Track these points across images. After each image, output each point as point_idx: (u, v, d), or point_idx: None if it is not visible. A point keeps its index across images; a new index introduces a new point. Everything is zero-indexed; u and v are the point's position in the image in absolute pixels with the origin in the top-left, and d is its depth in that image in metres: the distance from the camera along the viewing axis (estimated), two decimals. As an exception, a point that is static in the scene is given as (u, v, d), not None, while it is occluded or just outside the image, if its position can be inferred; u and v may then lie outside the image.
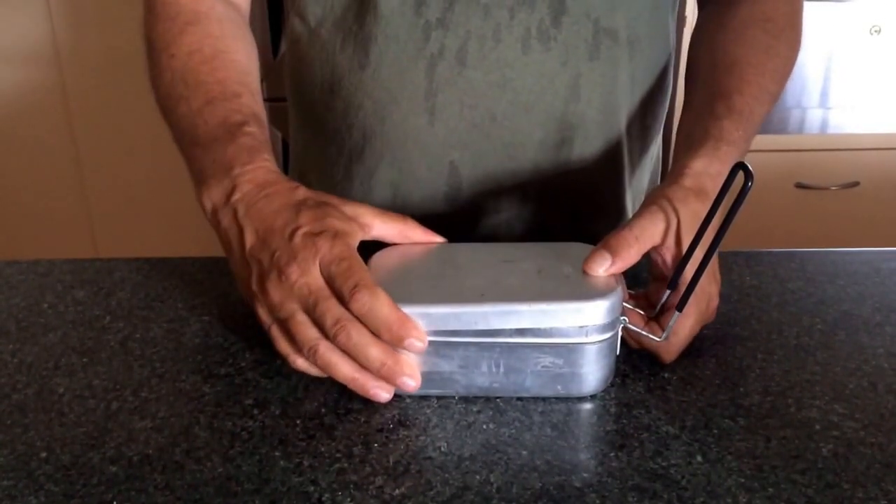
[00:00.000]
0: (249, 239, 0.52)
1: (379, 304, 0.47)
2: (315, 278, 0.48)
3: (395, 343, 0.47)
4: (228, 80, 0.62)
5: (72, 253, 2.04)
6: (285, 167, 0.82)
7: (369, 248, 0.55)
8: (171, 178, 2.01)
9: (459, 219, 0.71)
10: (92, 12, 1.94)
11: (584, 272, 0.51)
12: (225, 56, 0.63)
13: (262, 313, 0.51)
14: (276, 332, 0.51)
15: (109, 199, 2.10)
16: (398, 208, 0.71)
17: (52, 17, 1.94)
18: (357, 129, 0.70)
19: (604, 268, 0.50)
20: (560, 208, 0.72)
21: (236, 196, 0.53)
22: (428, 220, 0.71)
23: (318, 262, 0.49)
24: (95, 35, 1.95)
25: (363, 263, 0.49)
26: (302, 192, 0.53)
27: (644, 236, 0.52)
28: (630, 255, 0.51)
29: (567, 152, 0.70)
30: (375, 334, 0.48)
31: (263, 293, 0.50)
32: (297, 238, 0.49)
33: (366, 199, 0.72)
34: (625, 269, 0.51)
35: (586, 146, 0.70)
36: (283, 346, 0.51)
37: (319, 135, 0.74)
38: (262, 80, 0.69)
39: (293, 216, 0.51)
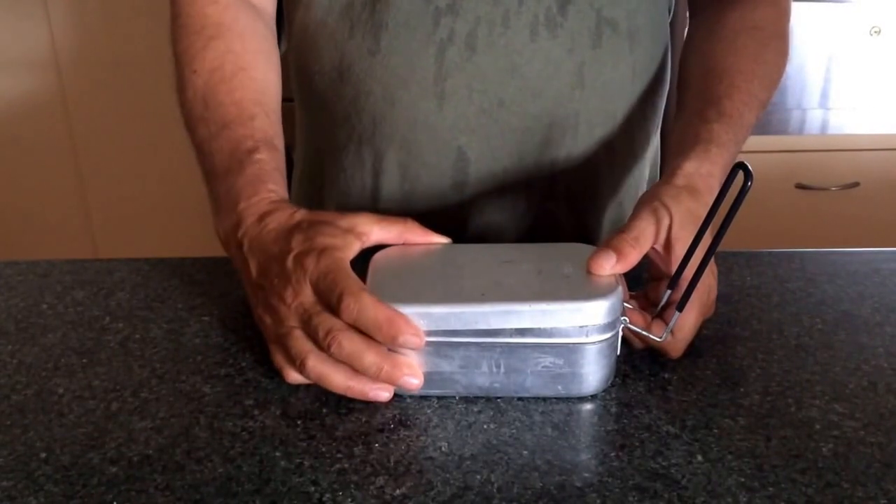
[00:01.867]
0: (254, 269, 0.54)
1: (365, 307, 0.47)
2: (308, 296, 0.50)
3: (389, 343, 0.48)
4: (245, 101, 0.64)
5: (72, 255, 2.03)
6: (288, 169, 0.82)
7: (373, 251, 0.55)
8: (170, 180, 2.01)
9: (466, 203, 0.72)
10: (91, 17, 1.94)
11: (589, 272, 0.51)
12: (244, 74, 0.65)
13: (267, 335, 0.53)
14: (274, 348, 0.52)
15: (109, 202, 2.10)
16: (406, 192, 0.72)
17: (50, 22, 1.94)
18: (367, 115, 0.70)
19: (609, 265, 0.51)
20: (564, 195, 0.73)
21: (241, 230, 0.55)
22: (435, 203, 0.72)
23: (308, 281, 0.50)
24: (94, 40, 1.95)
25: (349, 272, 0.50)
26: (298, 215, 0.55)
27: (642, 237, 0.53)
28: (632, 256, 0.52)
29: (572, 139, 0.71)
30: (372, 338, 0.48)
31: (267, 316, 0.52)
32: (289, 261, 0.51)
33: (375, 183, 0.73)
34: (627, 269, 0.52)
35: (590, 133, 0.71)
36: (279, 360, 0.52)
37: (328, 121, 0.74)
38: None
39: (287, 242, 0.52)
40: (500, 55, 0.67)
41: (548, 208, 0.74)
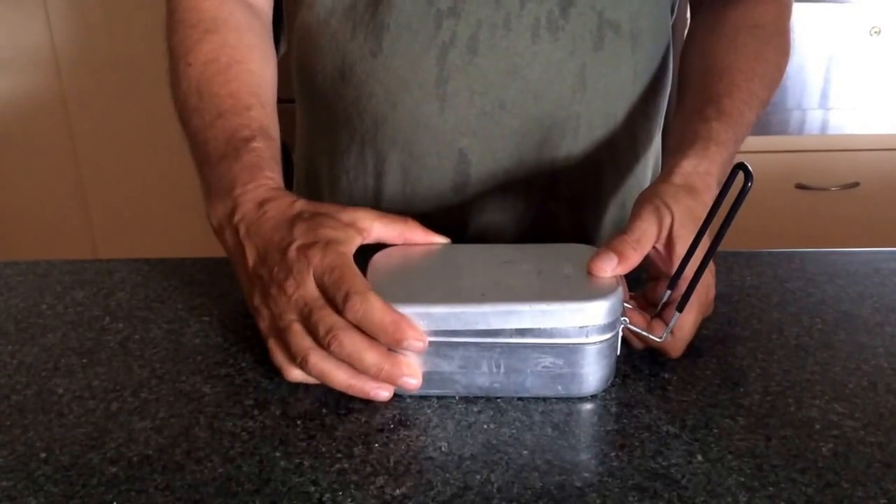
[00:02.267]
0: (251, 257, 0.53)
1: (371, 309, 0.47)
2: (310, 290, 0.49)
3: (393, 345, 0.48)
4: (240, 91, 0.63)
5: (72, 255, 2.03)
6: (286, 170, 0.82)
7: (372, 249, 0.55)
8: (169, 180, 2.01)
9: (467, 204, 0.72)
10: (90, 17, 1.94)
11: (590, 273, 0.51)
12: (240, 66, 0.65)
13: (263, 326, 0.52)
14: (272, 344, 0.51)
15: (109, 202, 2.10)
16: (408, 194, 0.72)
17: (49, 21, 1.94)
18: (368, 116, 0.70)
19: (611, 267, 0.51)
20: (565, 196, 0.73)
21: (237, 216, 0.54)
22: (436, 205, 0.72)
23: (311, 274, 0.49)
24: (94, 40, 1.95)
25: (356, 270, 0.49)
26: (299, 205, 0.54)
27: (644, 238, 0.53)
28: (633, 258, 0.52)
29: (573, 140, 0.71)
30: (374, 338, 0.48)
31: (265, 307, 0.51)
32: (291, 252, 0.50)
33: (377, 185, 0.73)
34: (629, 270, 0.52)
35: (592, 135, 0.71)
36: (278, 357, 0.51)
37: (330, 122, 0.74)
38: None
39: (288, 231, 0.52)
40: (502, 57, 0.67)
41: (548, 209, 0.74)
